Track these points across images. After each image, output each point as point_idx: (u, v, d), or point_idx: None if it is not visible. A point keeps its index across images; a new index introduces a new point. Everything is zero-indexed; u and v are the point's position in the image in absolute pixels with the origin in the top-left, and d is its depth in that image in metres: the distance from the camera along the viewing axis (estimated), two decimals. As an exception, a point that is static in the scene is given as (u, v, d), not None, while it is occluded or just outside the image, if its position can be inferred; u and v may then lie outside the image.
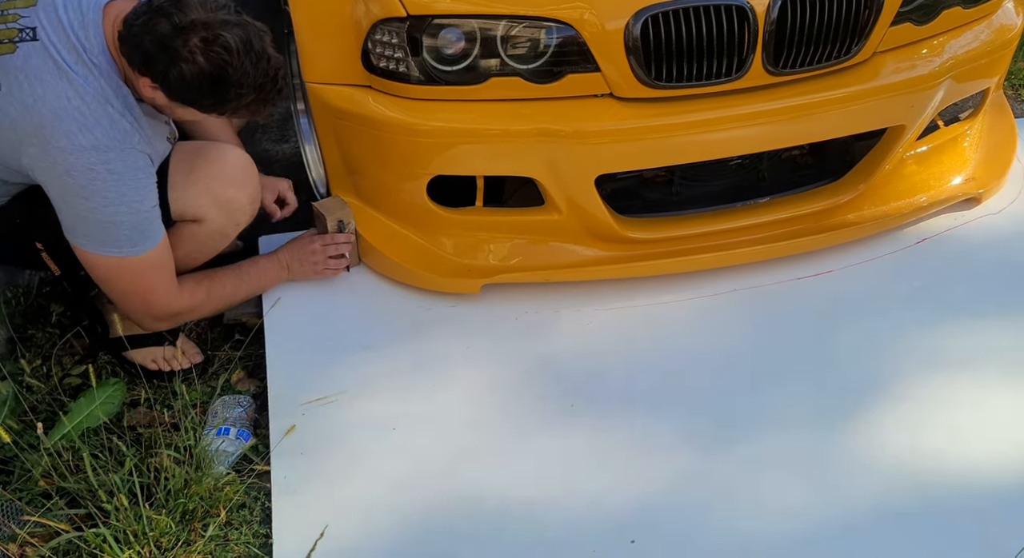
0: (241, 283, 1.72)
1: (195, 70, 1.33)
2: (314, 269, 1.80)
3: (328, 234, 1.82)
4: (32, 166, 1.39)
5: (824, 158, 2.03)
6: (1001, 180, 2.06)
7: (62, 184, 1.38)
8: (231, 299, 1.73)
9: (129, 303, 1.58)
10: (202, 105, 1.42)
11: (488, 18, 1.64)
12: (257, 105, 1.43)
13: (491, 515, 1.43)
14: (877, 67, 1.79)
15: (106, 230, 1.42)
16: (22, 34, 1.38)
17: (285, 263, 1.79)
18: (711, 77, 1.68)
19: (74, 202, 1.39)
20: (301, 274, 1.81)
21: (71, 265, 1.58)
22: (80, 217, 1.41)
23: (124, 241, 1.44)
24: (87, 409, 1.55)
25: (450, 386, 1.66)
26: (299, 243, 1.81)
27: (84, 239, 1.44)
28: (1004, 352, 1.67)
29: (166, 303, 1.58)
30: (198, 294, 1.64)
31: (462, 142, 1.72)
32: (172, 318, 1.64)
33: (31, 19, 1.40)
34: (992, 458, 1.47)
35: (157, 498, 1.41)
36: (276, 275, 1.79)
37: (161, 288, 1.55)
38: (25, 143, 1.37)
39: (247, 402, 1.66)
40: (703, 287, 1.85)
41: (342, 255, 1.82)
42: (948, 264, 1.90)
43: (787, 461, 1.48)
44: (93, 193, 1.38)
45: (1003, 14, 1.98)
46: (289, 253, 1.80)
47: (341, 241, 1.82)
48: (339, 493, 1.47)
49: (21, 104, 1.36)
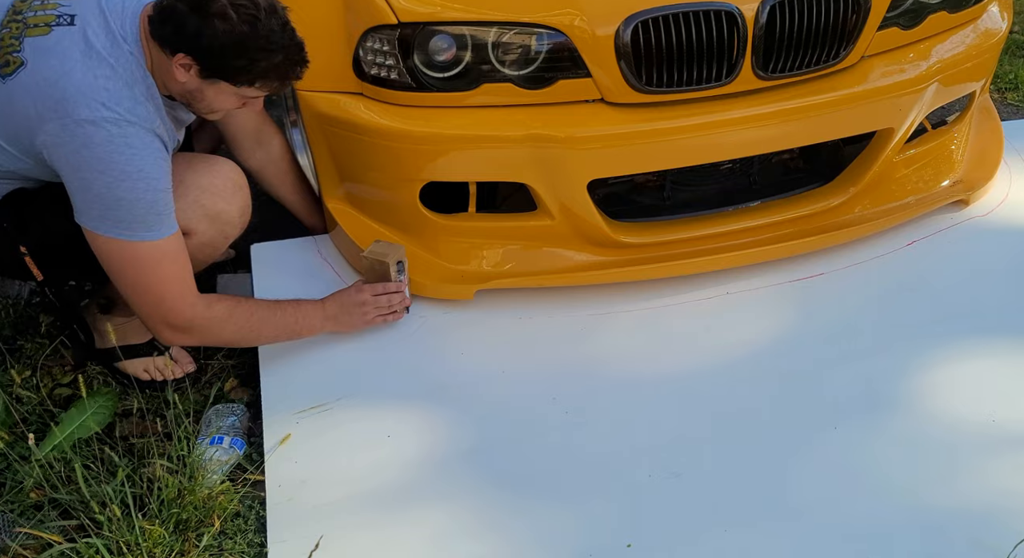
0: (273, 318, 1.60)
1: (227, 27, 1.35)
2: (363, 320, 1.69)
3: (379, 283, 1.70)
4: (48, 144, 1.36)
5: (814, 162, 2.05)
6: (989, 182, 2.08)
7: (79, 159, 1.35)
8: (257, 332, 1.59)
9: (143, 302, 1.48)
10: (234, 69, 1.39)
11: (479, 25, 1.65)
12: (286, 68, 1.43)
13: (490, 521, 1.42)
14: (865, 71, 1.81)
15: (122, 208, 1.38)
16: (59, 19, 1.40)
17: (332, 314, 1.67)
18: (701, 82, 1.69)
19: (91, 177, 1.36)
20: (349, 326, 1.70)
21: (54, 272, 1.57)
22: (96, 195, 1.37)
23: (139, 223, 1.39)
24: (78, 420, 1.54)
25: (446, 393, 1.66)
26: (348, 294, 1.69)
27: (99, 220, 1.39)
28: (995, 352, 1.68)
29: (181, 305, 1.48)
30: (217, 309, 1.53)
31: (454, 148, 1.72)
32: (188, 330, 1.52)
33: (71, 7, 1.43)
34: (984, 457, 1.47)
35: (150, 508, 1.40)
36: (319, 325, 1.66)
37: (176, 287, 1.46)
38: (45, 118, 1.36)
39: (241, 411, 1.65)
40: (695, 291, 1.85)
41: (395, 309, 1.72)
42: (938, 266, 1.91)
43: (780, 463, 1.49)
44: (111, 166, 1.35)
45: (988, 18, 2.00)
46: (337, 304, 1.68)
47: (393, 290, 1.71)
48: (334, 501, 1.46)
49: (44, 79, 1.35)
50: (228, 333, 1.57)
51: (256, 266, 1.91)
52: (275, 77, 1.44)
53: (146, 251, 1.42)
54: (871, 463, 1.47)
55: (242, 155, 1.88)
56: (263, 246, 1.96)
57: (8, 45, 1.40)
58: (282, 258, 1.96)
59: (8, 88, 1.38)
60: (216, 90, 1.44)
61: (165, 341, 1.56)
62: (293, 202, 2.00)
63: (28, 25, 1.41)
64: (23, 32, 1.40)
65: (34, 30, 1.40)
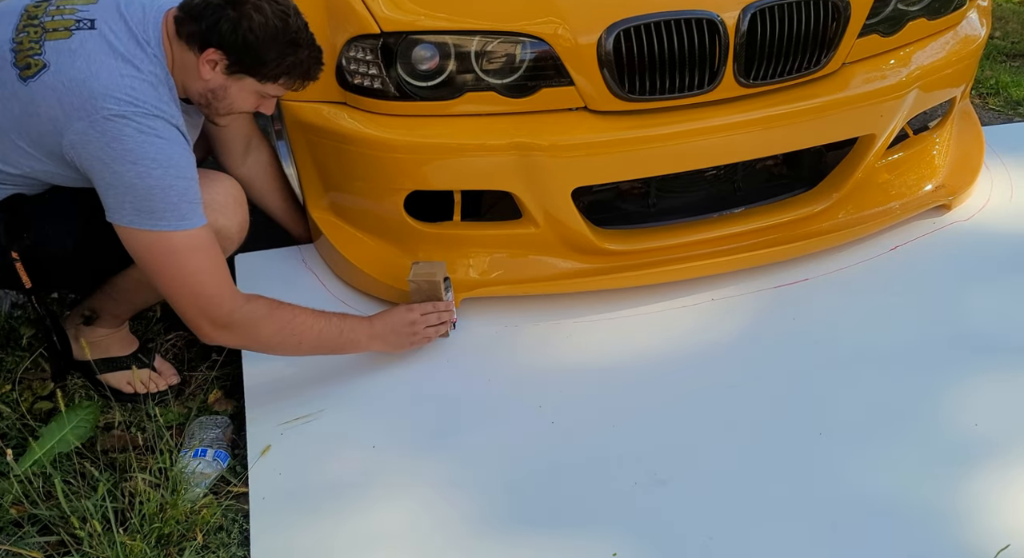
0: (316, 325, 1.55)
1: (262, 20, 1.40)
2: (410, 340, 1.68)
3: (427, 303, 1.69)
4: (77, 143, 1.37)
5: (798, 168, 2.06)
6: (970, 187, 2.10)
7: (111, 152, 1.36)
8: (298, 338, 1.54)
9: (181, 295, 1.46)
10: (264, 63, 1.43)
11: (462, 34, 1.65)
12: (309, 65, 1.49)
13: (476, 532, 1.41)
14: (846, 78, 1.82)
15: (155, 198, 1.38)
16: (79, 24, 1.42)
17: (380, 333, 1.64)
18: (684, 89, 1.70)
19: (123, 169, 1.37)
20: (396, 346, 1.68)
21: (43, 281, 1.55)
22: (129, 186, 1.37)
23: (172, 212, 1.39)
24: (58, 434, 1.52)
25: (431, 402, 1.65)
26: (397, 314, 1.66)
27: (134, 214, 1.39)
28: (978, 357, 1.69)
29: (220, 298, 1.45)
30: (257, 304, 1.50)
31: (438, 157, 1.72)
32: (227, 326, 1.48)
33: (90, 12, 1.44)
34: (968, 463, 1.48)
35: (132, 523, 1.39)
36: (364, 342, 1.64)
37: (213, 278, 1.45)
38: (72, 118, 1.36)
39: (224, 423, 1.64)
40: (681, 297, 1.86)
41: (444, 322, 1.71)
42: (921, 270, 1.92)
43: (765, 470, 1.48)
44: (142, 156, 1.37)
45: (967, 25, 2.02)
46: (385, 324, 1.65)
47: (443, 309, 1.70)
48: (319, 513, 1.45)
49: (70, 80, 1.37)
50: (268, 333, 1.52)
51: (241, 276, 1.90)
52: (298, 73, 1.48)
53: (180, 241, 1.42)
54: (855, 469, 1.47)
55: (232, 163, 1.88)
56: (248, 256, 1.95)
57: (28, 48, 1.40)
58: (267, 268, 1.95)
59: (31, 90, 1.38)
60: (239, 87, 1.47)
61: (207, 339, 1.51)
62: (279, 211, 2.00)
63: (47, 29, 1.42)
64: (42, 36, 1.41)
65: (54, 34, 1.41)
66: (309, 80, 1.52)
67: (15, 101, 1.39)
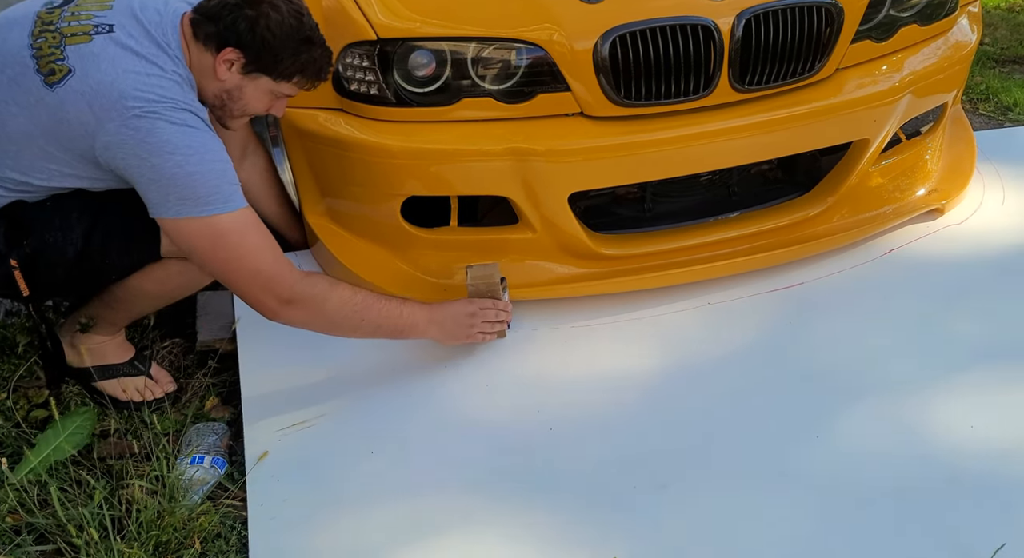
0: (376, 304, 1.55)
1: (279, 18, 1.43)
2: (468, 333, 1.68)
3: (487, 299, 1.70)
4: (111, 143, 1.38)
5: (793, 172, 2.07)
6: (963, 192, 2.11)
7: (147, 147, 1.37)
8: (360, 315, 1.53)
9: (242, 278, 1.46)
10: (280, 61, 1.46)
11: (458, 40, 1.66)
12: (321, 63, 1.51)
13: (475, 537, 1.41)
14: (840, 83, 1.83)
15: (197, 183, 1.39)
16: (98, 28, 1.43)
17: (439, 319, 1.64)
18: (679, 95, 1.71)
19: (161, 161, 1.38)
20: (453, 337, 1.68)
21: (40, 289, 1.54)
22: (170, 177, 1.38)
23: (216, 195, 1.40)
24: (54, 442, 1.51)
25: (430, 407, 1.65)
26: (457, 305, 1.67)
27: (179, 204, 1.39)
28: (973, 359, 1.70)
29: (279, 272, 1.46)
30: (315, 279, 1.51)
31: (435, 163, 1.72)
32: (292, 301, 1.47)
33: (107, 17, 1.45)
34: (964, 463, 1.48)
35: (129, 531, 1.38)
36: (423, 327, 1.63)
37: (269, 254, 1.45)
38: (103, 119, 1.37)
39: (222, 429, 1.63)
40: (677, 302, 1.86)
41: (502, 321, 1.71)
42: (916, 274, 1.93)
43: (763, 473, 1.49)
44: (178, 146, 1.38)
45: (959, 31, 2.04)
46: (445, 312, 1.65)
47: (502, 308, 1.71)
48: (317, 519, 1.45)
49: (99, 82, 1.38)
50: (332, 307, 1.51)
51: (237, 283, 1.90)
52: (312, 71, 1.51)
53: (229, 223, 1.43)
54: (853, 472, 1.48)
55: None
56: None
57: (49, 54, 1.41)
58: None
59: (59, 95, 1.39)
60: (255, 86, 1.49)
61: (275, 317, 1.50)
62: (275, 217, 1.99)
63: (65, 34, 1.42)
64: (62, 41, 1.41)
65: (73, 38, 1.42)
66: (320, 80, 1.54)
67: (42, 107, 1.39)
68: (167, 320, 1.92)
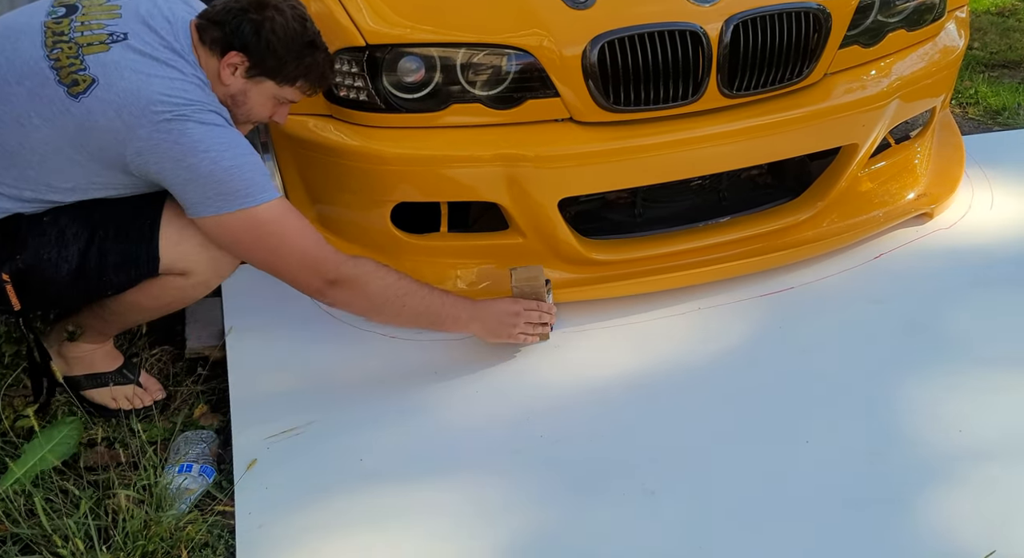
0: (419, 291, 1.56)
1: (283, 22, 1.45)
2: (510, 332, 1.67)
3: (532, 301, 1.68)
4: (144, 149, 1.39)
5: (782, 177, 2.08)
6: (951, 196, 2.12)
7: (180, 149, 1.39)
8: (402, 300, 1.55)
9: (288, 263, 1.49)
10: (284, 64, 1.47)
11: (447, 46, 1.66)
12: (324, 67, 1.53)
13: (465, 543, 1.40)
14: (828, 88, 1.84)
15: (233, 176, 1.42)
16: (112, 37, 1.43)
17: (481, 316, 1.64)
18: (668, 100, 1.71)
19: (196, 160, 1.39)
20: (494, 334, 1.67)
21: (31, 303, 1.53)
22: (207, 174, 1.40)
23: (253, 187, 1.43)
24: (40, 452, 1.50)
25: (419, 414, 1.64)
26: (502, 303, 1.67)
27: (220, 200, 1.41)
28: (961, 364, 1.71)
29: (326, 253, 1.49)
30: (364, 262, 1.54)
31: (424, 169, 1.72)
32: (338, 281, 1.49)
33: (118, 25, 1.45)
34: (952, 469, 1.49)
35: (115, 541, 1.37)
36: (465, 320, 1.63)
37: (311, 236, 1.48)
38: (134, 126, 1.38)
39: (210, 437, 1.62)
40: (667, 307, 1.86)
41: (545, 324, 1.70)
42: (905, 278, 1.94)
43: (752, 479, 1.49)
44: (211, 144, 1.40)
45: (946, 36, 2.05)
46: (488, 309, 1.65)
47: (546, 310, 1.69)
48: (306, 527, 1.44)
49: (124, 90, 1.38)
50: (376, 288, 1.53)
51: (227, 292, 1.89)
52: (315, 76, 1.52)
53: (270, 212, 1.45)
54: (841, 477, 1.48)
55: None
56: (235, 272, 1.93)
57: (69, 64, 1.40)
58: (253, 284, 1.92)
59: (85, 105, 1.38)
60: (259, 91, 1.50)
61: (324, 298, 1.53)
62: None
63: (80, 44, 1.42)
64: (79, 51, 1.41)
65: (90, 48, 1.41)
66: (323, 85, 1.55)
67: (68, 118, 1.39)
68: (156, 328, 1.91)
